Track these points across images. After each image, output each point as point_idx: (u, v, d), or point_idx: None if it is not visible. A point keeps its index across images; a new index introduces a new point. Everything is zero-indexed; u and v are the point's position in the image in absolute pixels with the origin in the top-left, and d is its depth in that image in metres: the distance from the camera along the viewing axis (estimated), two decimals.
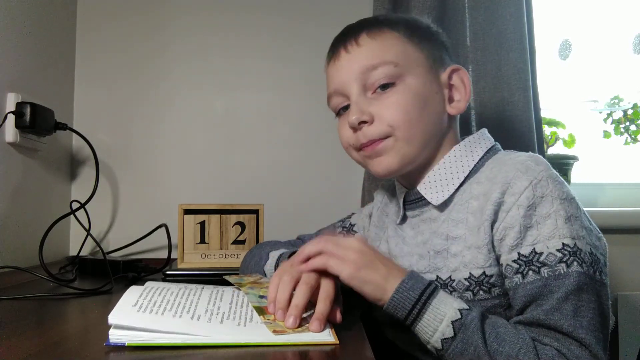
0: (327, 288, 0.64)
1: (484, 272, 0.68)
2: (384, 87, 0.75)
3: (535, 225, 0.65)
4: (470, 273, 0.69)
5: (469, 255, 0.70)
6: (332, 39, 0.75)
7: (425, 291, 0.64)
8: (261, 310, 0.64)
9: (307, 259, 0.67)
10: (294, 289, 0.64)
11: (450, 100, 0.79)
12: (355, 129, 0.76)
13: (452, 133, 0.80)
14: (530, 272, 0.64)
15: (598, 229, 0.71)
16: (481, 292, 0.69)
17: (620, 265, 1.31)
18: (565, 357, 0.60)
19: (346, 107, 0.79)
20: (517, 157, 0.71)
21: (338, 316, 0.64)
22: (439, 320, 0.62)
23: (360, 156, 0.79)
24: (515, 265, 0.65)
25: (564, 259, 0.63)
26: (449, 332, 0.62)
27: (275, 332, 0.58)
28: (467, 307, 0.63)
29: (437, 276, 0.73)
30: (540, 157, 0.70)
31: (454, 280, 0.71)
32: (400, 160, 0.75)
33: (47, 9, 1.22)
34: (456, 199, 0.75)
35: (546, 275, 0.63)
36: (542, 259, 0.64)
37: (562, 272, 0.62)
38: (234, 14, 1.38)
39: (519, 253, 0.65)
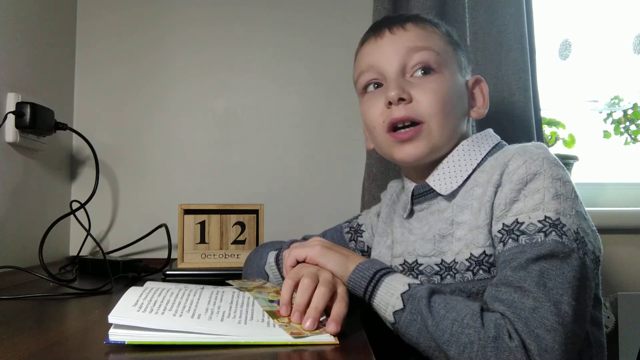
0: (342, 290, 0.67)
1: (484, 252, 0.70)
2: (424, 71, 0.77)
3: (523, 198, 0.66)
4: (471, 253, 0.71)
5: (470, 236, 0.71)
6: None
7: (380, 271, 0.69)
8: (273, 314, 0.64)
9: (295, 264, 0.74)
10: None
11: (472, 106, 0.84)
12: (391, 104, 0.76)
13: (467, 135, 0.83)
14: (510, 240, 0.65)
15: (595, 229, 0.71)
16: (481, 271, 0.70)
17: (620, 265, 1.31)
18: (509, 319, 0.58)
19: (376, 85, 0.81)
20: (520, 144, 0.73)
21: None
22: (390, 294, 0.65)
23: (386, 139, 0.79)
24: (499, 235, 0.67)
25: (544, 229, 0.63)
26: (399, 305, 0.64)
27: (292, 334, 0.58)
28: (418, 282, 0.66)
29: (442, 259, 0.74)
30: (544, 145, 0.72)
31: (457, 262, 0.72)
32: (430, 148, 0.77)
33: (47, 9, 1.22)
34: (463, 188, 0.77)
35: (523, 242, 0.64)
36: (522, 227, 0.65)
37: (539, 240, 0.63)
38: (234, 13, 1.38)
39: (503, 223, 0.67)
